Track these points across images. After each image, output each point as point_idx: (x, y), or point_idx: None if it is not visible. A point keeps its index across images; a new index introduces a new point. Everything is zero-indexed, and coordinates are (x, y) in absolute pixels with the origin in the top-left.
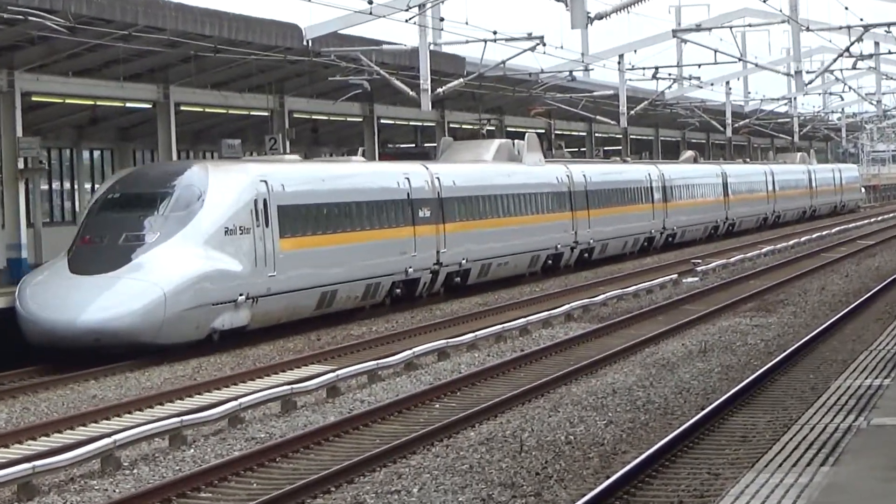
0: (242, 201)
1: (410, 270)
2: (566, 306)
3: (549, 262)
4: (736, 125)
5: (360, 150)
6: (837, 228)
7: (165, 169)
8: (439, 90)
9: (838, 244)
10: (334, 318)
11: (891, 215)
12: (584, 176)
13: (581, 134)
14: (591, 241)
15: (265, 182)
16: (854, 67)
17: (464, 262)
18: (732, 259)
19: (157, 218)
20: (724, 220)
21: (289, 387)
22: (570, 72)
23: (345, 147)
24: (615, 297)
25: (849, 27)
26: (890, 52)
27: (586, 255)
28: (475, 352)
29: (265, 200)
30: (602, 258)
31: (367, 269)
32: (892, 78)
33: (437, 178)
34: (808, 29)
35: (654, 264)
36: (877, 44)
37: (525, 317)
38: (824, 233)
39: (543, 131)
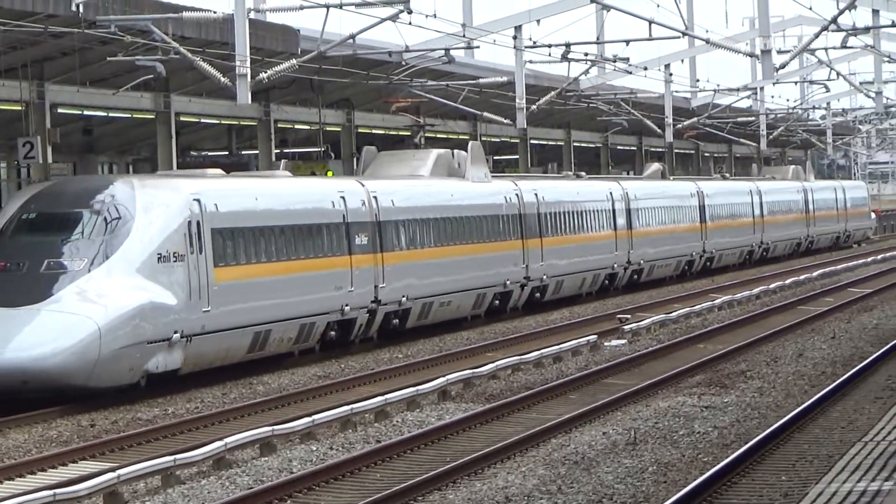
0: (175, 223)
1: (347, 309)
2: (440, 379)
3: (497, 302)
4: (679, 126)
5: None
6: (821, 272)
7: (86, 185)
8: (263, 75)
9: (822, 293)
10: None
11: (893, 253)
12: (535, 195)
13: (463, 137)
14: (545, 276)
15: (198, 201)
16: (844, 46)
17: (404, 299)
18: (674, 314)
19: (83, 242)
20: (700, 254)
21: (51, 492)
22: (447, 50)
23: (131, 155)
24: (509, 367)
25: None
26: (894, 25)
27: (538, 294)
28: (312, 443)
29: (198, 223)
30: (555, 299)
31: (302, 307)
32: None
33: (375, 198)
34: None
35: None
36: (875, 12)
37: (382, 394)
38: (803, 277)
39: (409, 133)
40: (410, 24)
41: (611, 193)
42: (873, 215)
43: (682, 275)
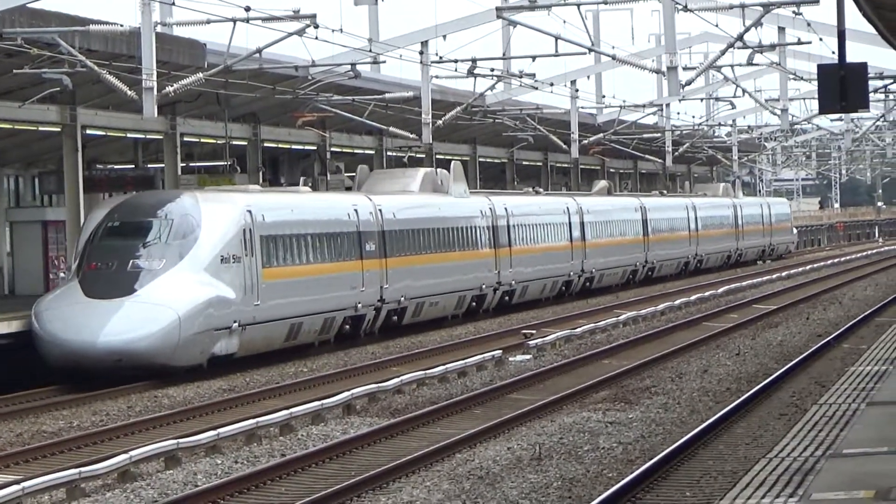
0: (233, 231)
1: (359, 306)
2: (345, 394)
3: (474, 303)
4: (585, 141)
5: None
6: (726, 288)
7: (158, 198)
8: (169, 89)
9: (727, 309)
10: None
11: (799, 269)
12: (505, 209)
13: (368, 152)
14: (513, 282)
15: (250, 212)
16: (750, 63)
17: (402, 299)
18: (579, 330)
19: (160, 245)
20: (643, 264)
21: None
22: (353, 65)
23: (37, 168)
24: (414, 382)
25: (742, 6)
26: (800, 42)
27: (506, 297)
28: (217, 456)
29: (251, 230)
30: (522, 302)
31: (326, 303)
32: (801, 77)
33: (380, 210)
34: (685, 8)
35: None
36: (781, 30)
37: (287, 408)
38: (708, 293)
39: (315, 147)
40: (317, 38)
41: (567, 208)
42: (795, 230)
43: (626, 283)
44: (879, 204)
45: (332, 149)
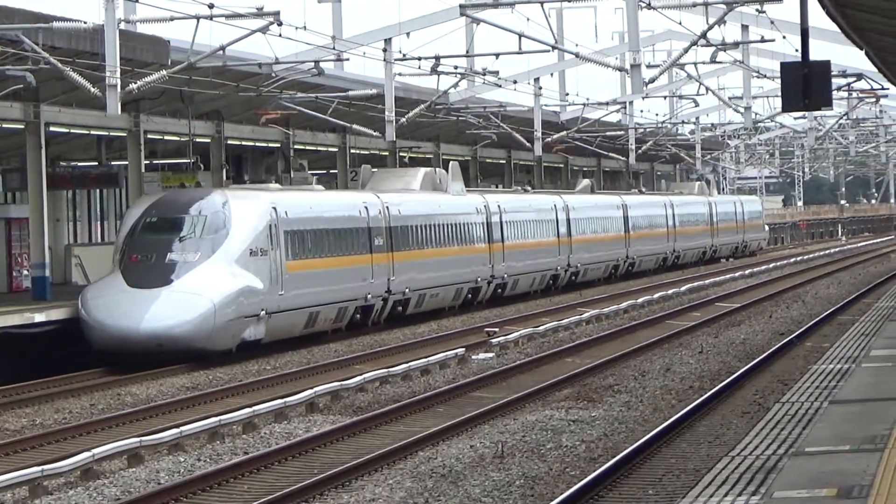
0: (261, 226)
1: (369, 297)
2: (308, 391)
3: (469, 295)
4: (548, 139)
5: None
6: (689, 286)
7: (192, 196)
8: (133, 86)
9: (690, 308)
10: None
11: (762, 268)
12: (498, 206)
13: (332, 149)
14: (506, 275)
15: (275, 209)
16: (713, 61)
17: (407, 291)
18: (541, 328)
19: (194, 239)
20: (624, 259)
21: None
22: (316, 62)
23: (0, 165)
24: (377, 380)
25: (706, 4)
26: (763, 40)
27: (499, 290)
28: (180, 454)
29: (276, 225)
30: (513, 294)
31: (340, 294)
32: (765, 76)
33: (387, 207)
34: (649, 6)
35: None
36: (745, 27)
37: (250, 405)
38: (671, 291)
39: (279, 145)
40: (280, 35)
41: (555, 206)
42: (766, 227)
43: (608, 277)
44: (842, 202)
45: (296, 146)
